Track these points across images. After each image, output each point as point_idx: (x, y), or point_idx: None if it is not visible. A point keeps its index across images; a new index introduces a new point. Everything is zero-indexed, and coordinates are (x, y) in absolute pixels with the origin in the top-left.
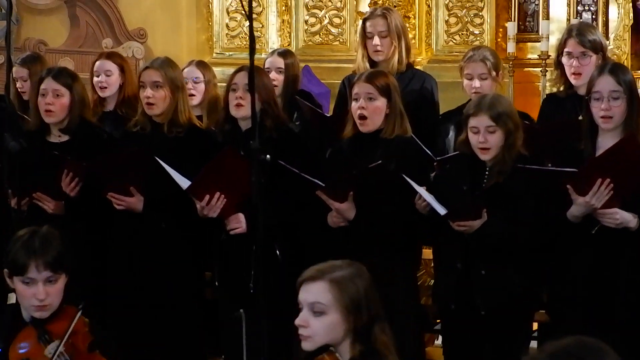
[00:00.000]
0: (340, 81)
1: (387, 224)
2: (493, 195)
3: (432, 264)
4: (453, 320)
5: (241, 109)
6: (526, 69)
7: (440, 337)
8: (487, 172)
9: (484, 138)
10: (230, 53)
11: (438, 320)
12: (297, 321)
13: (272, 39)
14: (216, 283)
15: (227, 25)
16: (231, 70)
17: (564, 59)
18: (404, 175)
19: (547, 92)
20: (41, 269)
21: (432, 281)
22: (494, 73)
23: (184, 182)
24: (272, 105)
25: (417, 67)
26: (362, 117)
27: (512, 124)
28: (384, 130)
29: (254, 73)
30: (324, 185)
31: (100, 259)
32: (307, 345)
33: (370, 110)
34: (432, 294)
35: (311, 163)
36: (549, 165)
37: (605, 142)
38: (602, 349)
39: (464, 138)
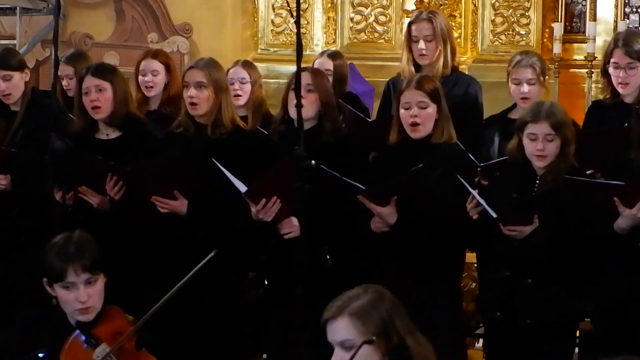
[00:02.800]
0: (384, 79)
1: (432, 229)
2: (544, 203)
3: (475, 269)
4: (497, 328)
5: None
6: (572, 70)
7: (480, 340)
8: (537, 181)
9: (543, 146)
10: (275, 49)
11: (480, 325)
12: None
13: (317, 35)
14: (265, 282)
15: (272, 22)
16: (276, 66)
17: (611, 69)
18: (458, 177)
19: (593, 93)
20: (79, 273)
21: (474, 284)
22: (541, 78)
23: (239, 186)
24: (331, 108)
25: (462, 70)
26: (415, 124)
27: (569, 133)
28: (434, 136)
29: (315, 74)
30: (365, 189)
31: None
32: None
33: (422, 117)
34: (476, 301)
35: (358, 169)
36: (598, 175)
37: None
38: None
39: (515, 144)
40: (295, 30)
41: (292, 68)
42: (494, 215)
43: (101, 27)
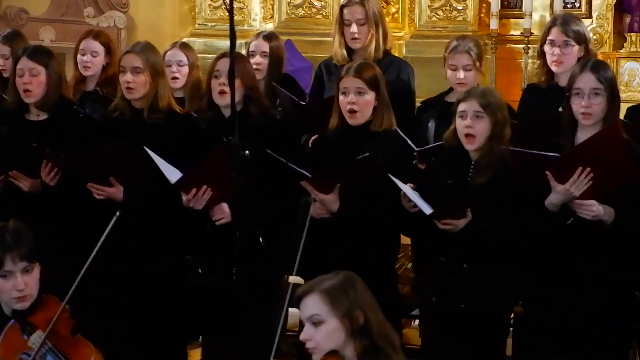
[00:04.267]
0: (323, 55)
1: (371, 217)
2: (478, 195)
3: (410, 249)
4: (433, 312)
5: (224, 96)
6: (509, 46)
7: (416, 321)
8: (472, 166)
9: (471, 122)
10: (213, 24)
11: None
12: (302, 337)
13: (255, 10)
14: (199, 271)
15: None
16: (214, 41)
17: (547, 47)
18: (390, 175)
19: (529, 68)
20: (17, 261)
21: (409, 264)
22: (478, 64)
23: (171, 174)
24: (255, 92)
25: (400, 45)
26: (352, 111)
27: (500, 116)
28: (373, 123)
29: (236, 59)
30: (310, 175)
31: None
32: (315, 357)
33: (360, 104)
34: (412, 286)
35: (295, 152)
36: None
37: (585, 136)
38: None
39: (452, 129)
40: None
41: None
42: (428, 211)
43: (37, 2)
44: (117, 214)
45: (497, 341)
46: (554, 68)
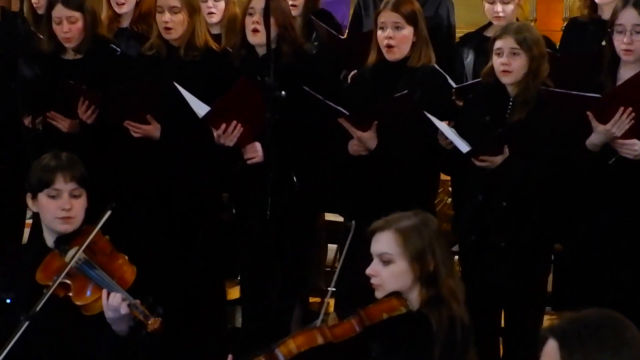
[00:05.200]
0: None
1: (409, 154)
2: (516, 132)
3: (450, 186)
4: (472, 250)
5: (258, 34)
6: None
7: (456, 257)
8: (510, 103)
9: (507, 60)
10: None
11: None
12: (368, 271)
13: None
14: (233, 210)
15: None
16: None
17: None
18: (426, 113)
19: None
20: (68, 180)
21: (449, 199)
22: None
23: (201, 109)
24: (289, 30)
25: None
26: (390, 46)
27: (537, 51)
28: (411, 59)
29: None
30: (348, 113)
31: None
32: (378, 294)
33: (398, 39)
34: (451, 224)
35: (329, 89)
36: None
37: (627, 74)
38: (623, 321)
39: (489, 66)
40: None
41: None
42: (464, 149)
43: None
44: (109, 211)
45: (537, 279)
46: (598, 0)
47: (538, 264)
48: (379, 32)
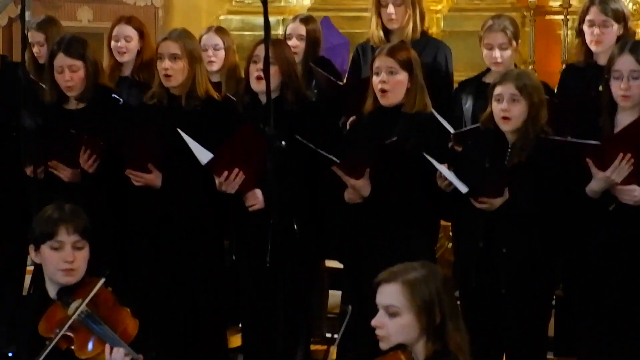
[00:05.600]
0: (359, 31)
1: (405, 201)
2: (515, 174)
3: (451, 231)
4: (473, 296)
5: (262, 82)
6: (548, 17)
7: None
8: (509, 149)
9: (507, 106)
10: (250, 1)
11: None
12: (374, 322)
13: None
14: (233, 257)
15: None
16: (251, 18)
17: (585, 27)
18: (425, 154)
19: (568, 40)
20: (70, 232)
21: (450, 244)
22: (514, 43)
23: (203, 156)
24: (293, 78)
25: (438, 19)
26: (384, 91)
27: (537, 98)
28: (405, 105)
29: (275, 45)
30: (338, 161)
31: (120, 231)
32: (383, 345)
33: (391, 84)
34: (452, 269)
35: (331, 138)
36: (569, 138)
37: (624, 119)
38: None
39: (488, 112)
40: None
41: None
42: (464, 190)
43: None
44: (103, 279)
45: (538, 324)
46: (593, 47)
47: (539, 310)
48: (374, 78)
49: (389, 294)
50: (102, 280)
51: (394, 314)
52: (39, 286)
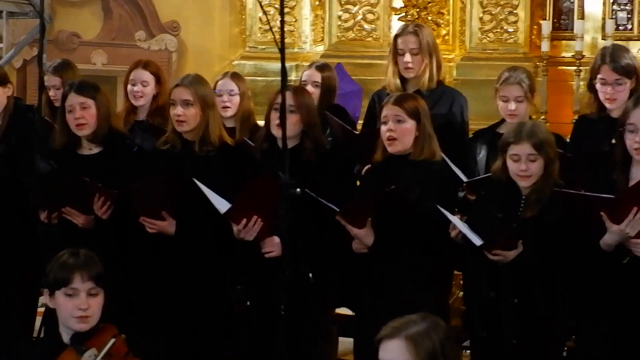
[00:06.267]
0: (372, 78)
1: (409, 249)
2: (529, 227)
3: (462, 280)
4: (484, 347)
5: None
6: (560, 68)
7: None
8: (522, 201)
9: (526, 166)
10: (264, 47)
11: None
12: None
13: (306, 33)
14: (247, 303)
15: (260, 19)
16: (264, 64)
17: (598, 85)
18: (438, 207)
19: (581, 90)
20: (85, 279)
21: (461, 293)
22: (529, 95)
23: (221, 205)
24: (313, 127)
25: (451, 67)
26: (391, 139)
27: (552, 152)
28: (412, 153)
29: (297, 93)
30: (338, 210)
31: (130, 275)
32: None
33: (398, 132)
34: (462, 320)
35: (347, 187)
36: (582, 191)
37: (638, 172)
38: None
39: (500, 165)
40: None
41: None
42: (477, 242)
43: (88, 26)
44: (112, 341)
45: None
46: (607, 105)
47: None
48: (382, 127)
49: (393, 351)
50: (115, 339)
51: None
52: (51, 329)
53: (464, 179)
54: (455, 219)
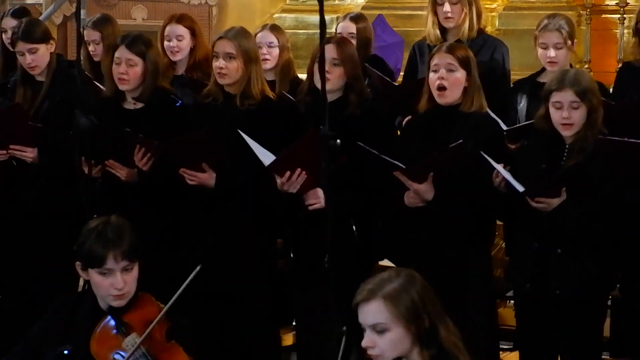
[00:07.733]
0: (414, 29)
1: (465, 207)
2: (573, 176)
3: (504, 231)
4: (527, 297)
5: (327, 82)
6: (604, 16)
7: (512, 301)
8: (566, 150)
9: (569, 114)
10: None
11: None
12: (364, 343)
13: None
14: (291, 255)
15: None
16: (305, 16)
17: None
18: (482, 153)
19: (625, 39)
20: (119, 259)
21: (504, 243)
22: (569, 42)
23: (265, 157)
24: (357, 80)
25: (493, 17)
26: (442, 88)
27: (595, 101)
28: (462, 105)
29: (341, 45)
30: (404, 167)
31: (169, 238)
32: None
33: (450, 82)
34: (505, 273)
35: (391, 140)
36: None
37: None
38: None
39: (542, 113)
40: None
41: None
42: (520, 189)
43: None
44: (198, 268)
45: (593, 326)
46: None
47: (595, 311)
48: (431, 75)
49: (372, 313)
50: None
51: (382, 330)
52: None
53: (504, 127)
54: (500, 167)
